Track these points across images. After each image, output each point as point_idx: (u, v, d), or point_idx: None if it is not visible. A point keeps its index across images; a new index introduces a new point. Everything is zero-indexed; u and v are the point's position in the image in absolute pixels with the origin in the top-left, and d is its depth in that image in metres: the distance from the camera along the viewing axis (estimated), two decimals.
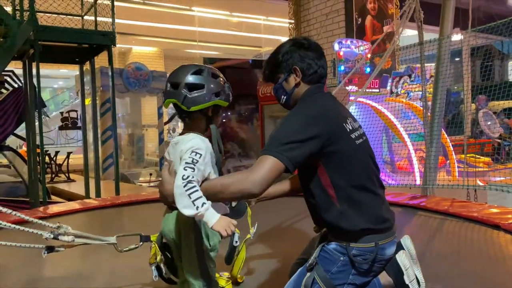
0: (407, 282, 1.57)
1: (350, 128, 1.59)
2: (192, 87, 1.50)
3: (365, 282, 1.61)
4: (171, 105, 1.58)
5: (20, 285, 2.51)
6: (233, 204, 1.73)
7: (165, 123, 12.58)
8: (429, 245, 2.90)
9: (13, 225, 1.70)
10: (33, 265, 2.80)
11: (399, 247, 1.64)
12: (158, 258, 1.72)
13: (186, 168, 1.40)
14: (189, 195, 1.34)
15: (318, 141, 1.48)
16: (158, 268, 1.73)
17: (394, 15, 8.64)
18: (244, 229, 1.89)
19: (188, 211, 1.35)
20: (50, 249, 1.79)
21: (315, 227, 1.85)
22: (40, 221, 1.79)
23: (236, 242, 1.51)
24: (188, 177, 1.38)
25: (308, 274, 1.60)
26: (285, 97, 1.70)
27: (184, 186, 1.35)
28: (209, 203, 1.37)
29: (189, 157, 1.44)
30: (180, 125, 19.93)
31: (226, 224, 1.36)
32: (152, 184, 9.08)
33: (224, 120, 10.15)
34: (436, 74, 5.23)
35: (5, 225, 1.67)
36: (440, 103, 5.12)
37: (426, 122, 5.30)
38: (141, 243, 1.82)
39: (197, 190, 1.36)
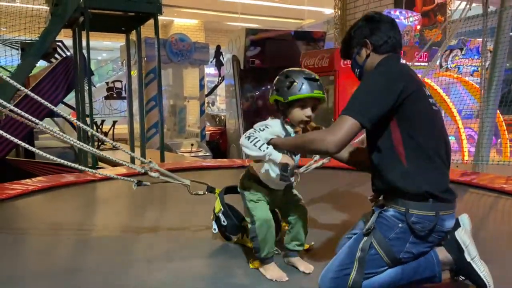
0: (468, 259, 1.55)
1: (428, 94, 1.62)
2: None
3: (422, 252, 1.58)
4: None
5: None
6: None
7: (206, 95, 12.64)
8: (483, 224, 2.77)
9: (115, 158, 2.30)
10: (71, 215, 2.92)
11: (457, 224, 1.61)
12: (217, 209, 1.97)
13: (250, 130, 1.79)
14: (254, 144, 1.72)
15: (399, 97, 1.51)
16: (217, 220, 2.00)
17: None
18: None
19: (258, 154, 1.72)
20: (139, 183, 2.15)
21: (371, 196, 1.80)
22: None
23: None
24: (249, 133, 1.77)
25: (365, 238, 1.57)
26: (358, 70, 1.77)
27: (249, 139, 1.74)
28: (271, 147, 1.73)
29: (258, 126, 1.81)
30: (219, 99, 20.00)
31: (288, 159, 1.72)
32: (193, 154, 9.21)
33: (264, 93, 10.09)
34: (495, 49, 4.93)
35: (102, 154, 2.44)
36: (498, 78, 4.84)
37: (486, 96, 5.03)
38: (206, 192, 2.17)
39: (259, 140, 1.72)
